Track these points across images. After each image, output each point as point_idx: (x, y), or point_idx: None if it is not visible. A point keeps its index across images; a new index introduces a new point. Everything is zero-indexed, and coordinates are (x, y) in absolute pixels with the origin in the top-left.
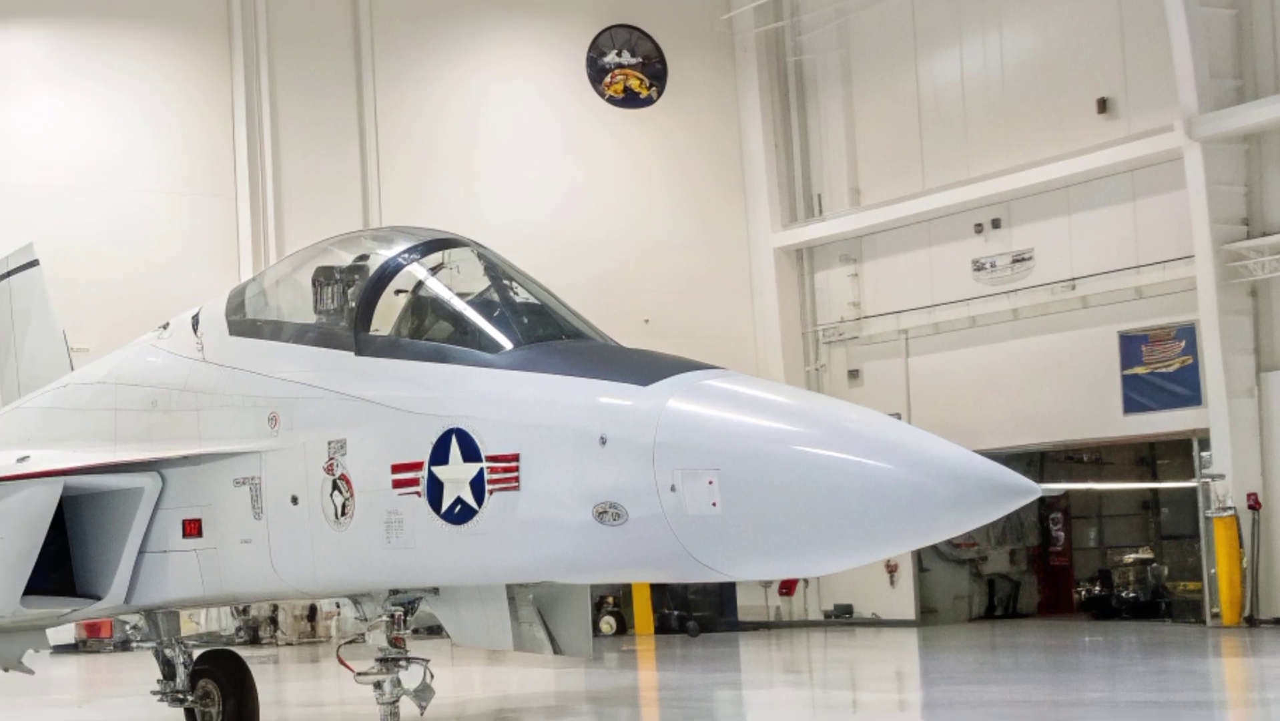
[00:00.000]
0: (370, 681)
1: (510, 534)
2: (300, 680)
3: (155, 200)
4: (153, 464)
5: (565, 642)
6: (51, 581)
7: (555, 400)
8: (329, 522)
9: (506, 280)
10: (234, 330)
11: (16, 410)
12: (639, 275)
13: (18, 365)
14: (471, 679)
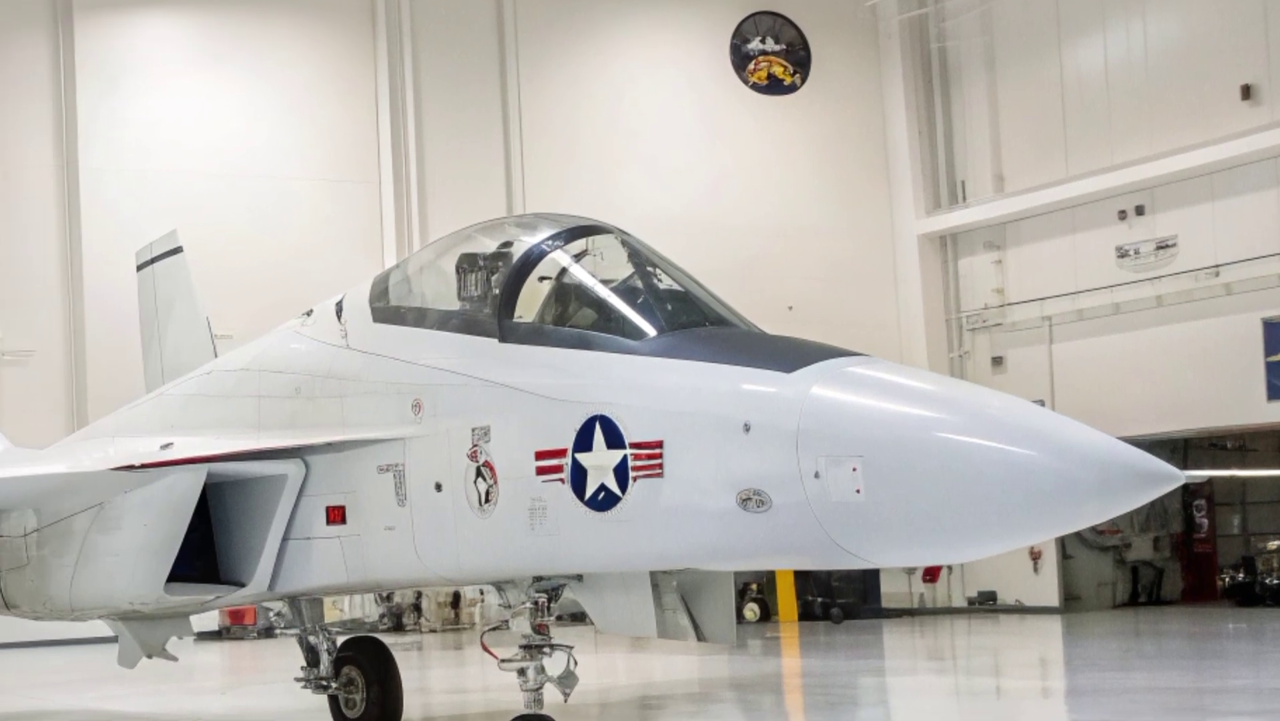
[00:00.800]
0: (514, 668)
1: (654, 520)
2: (444, 667)
3: (299, 187)
4: (296, 451)
5: (709, 629)
6: (195, 568)
7: (699, 387)
8: (473, 509)
9: (650, 266)
10: (378, 317)
11: (160, 397)
12: (782, 262)
13: (161, 351)
14: (615, 665)
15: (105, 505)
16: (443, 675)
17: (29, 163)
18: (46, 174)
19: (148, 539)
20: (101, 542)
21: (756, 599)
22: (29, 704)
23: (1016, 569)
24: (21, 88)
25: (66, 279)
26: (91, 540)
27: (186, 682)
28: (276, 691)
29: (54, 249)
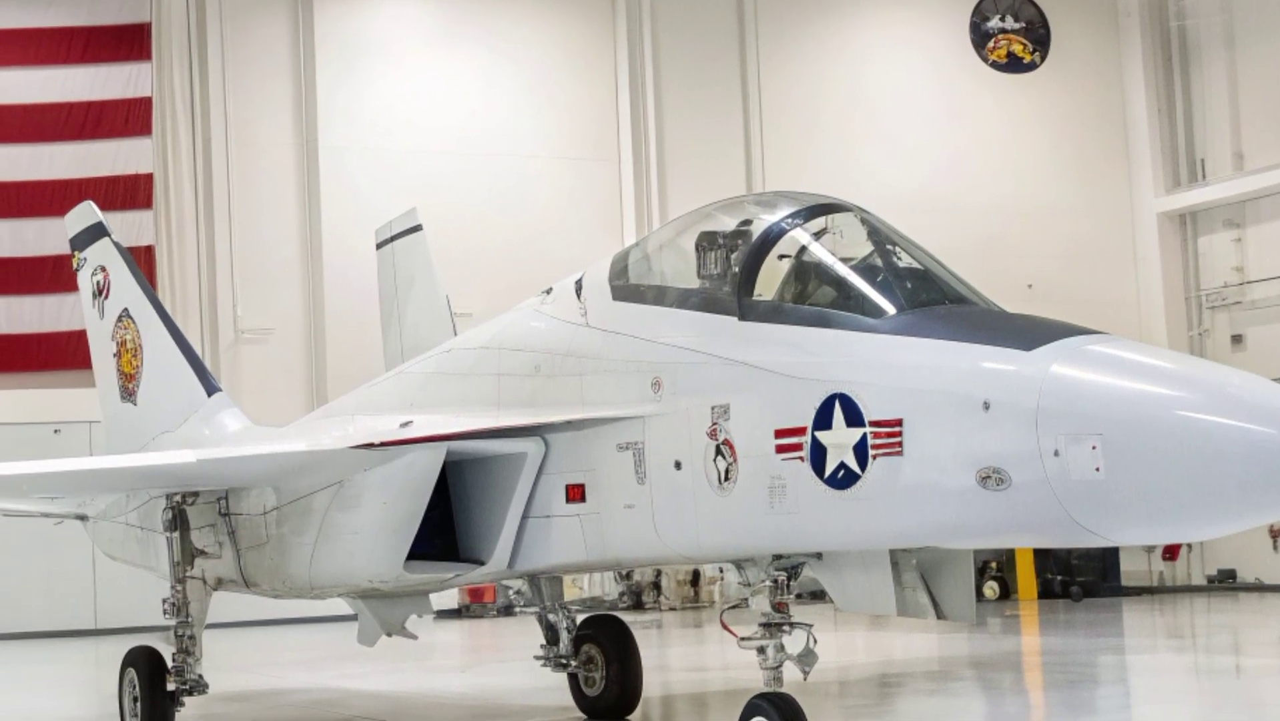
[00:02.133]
0: (753, 646)
1: (893, 499)
2: (683, 645)
3: (538, 165)
4: (536, 429)
5: (948, 607)
6: (435, 547)
7: (938, 365)
8: (712, 488)
9: (890, 244)
10: (617, 295)
11: (400, 375)
12: (1021, 240)
13: (401, 330)
14: (854, 643)
15: (345, 483)
16: (682, 653)
17: (269, 142)
18: (286, 153)
19: (387, 517)
20: (341, 520)
21: (996, 577)
22: (268, 682)
23: (1256, 547)
24: (262, 68)
25: (306, 257)
26: (331, 518)
27: (426, 661)
28: (516, 669)
29: (294, 228)
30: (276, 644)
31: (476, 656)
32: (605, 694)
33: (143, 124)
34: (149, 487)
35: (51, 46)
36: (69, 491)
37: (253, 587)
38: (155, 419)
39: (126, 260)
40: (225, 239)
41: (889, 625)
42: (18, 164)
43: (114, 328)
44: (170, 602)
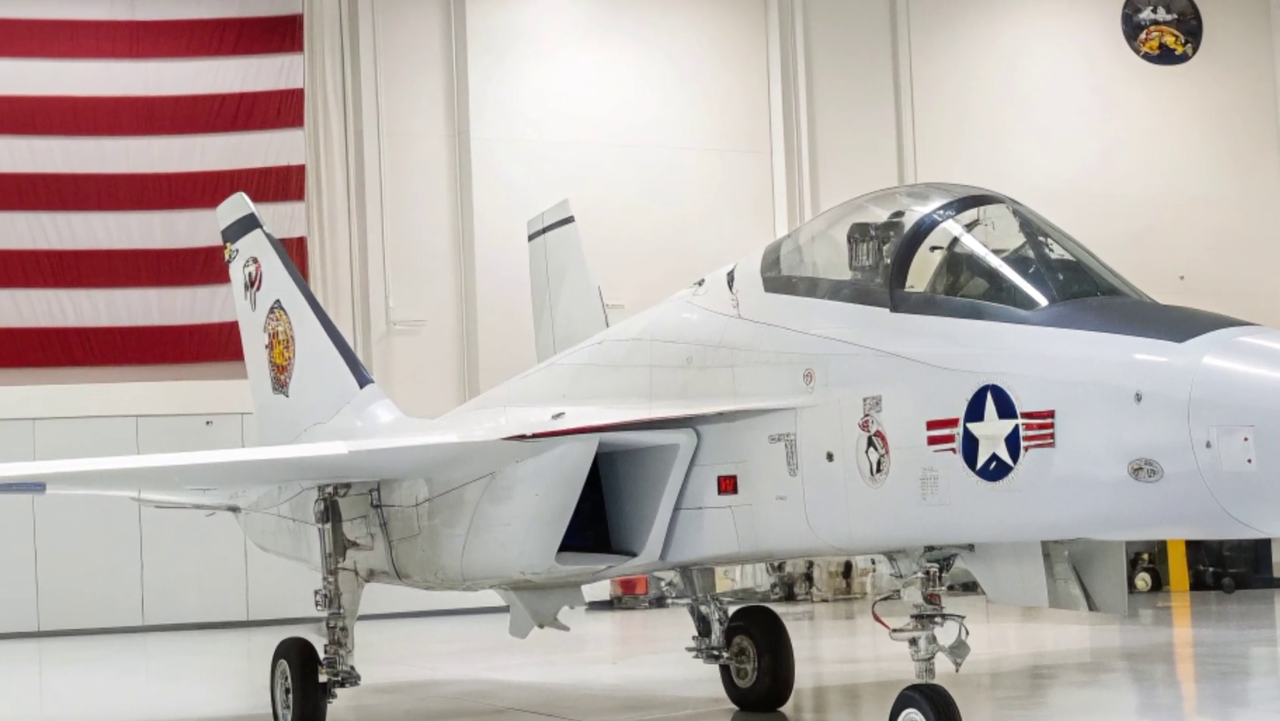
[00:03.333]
0: (905, 638)
1: (1045, 490)
2: (835, 636)
3: (690, 157)
4: (688, 420)
5: (1100, 599)
6: (586, 538)
7: (1090, 356)
8: (864, 479)
9: (1041, 236)
10: (769, 287)
11: (552, 366)
12: (1172, 232)
13: (553, 321)
14: (1006, 635)
15: (497, 475)
16: (833, 645)
17: (421, 133)
18: (438, 144)
19: (539, 508)
20: (493, 512)
21: (1148, 568)
22: (420, 673)
23: None
24: (415, 60)
25: (458, 248)
26: (483, 510)
27: (578, 652)
28: (667, 661)
29: (446, 218)
30: (428, 635)
31: (628, 648)
32: (757, 685)
33: (295, 115)
34: (301, 479)
35: (204, 38)
36: (221, 483)
37: (404, 579)
38: (307, 410)
39: (278, 252)
40: (377, 230)
41: (1040, 616)
42: (170, 155)
43: (266, 319)
44: (322, 594)
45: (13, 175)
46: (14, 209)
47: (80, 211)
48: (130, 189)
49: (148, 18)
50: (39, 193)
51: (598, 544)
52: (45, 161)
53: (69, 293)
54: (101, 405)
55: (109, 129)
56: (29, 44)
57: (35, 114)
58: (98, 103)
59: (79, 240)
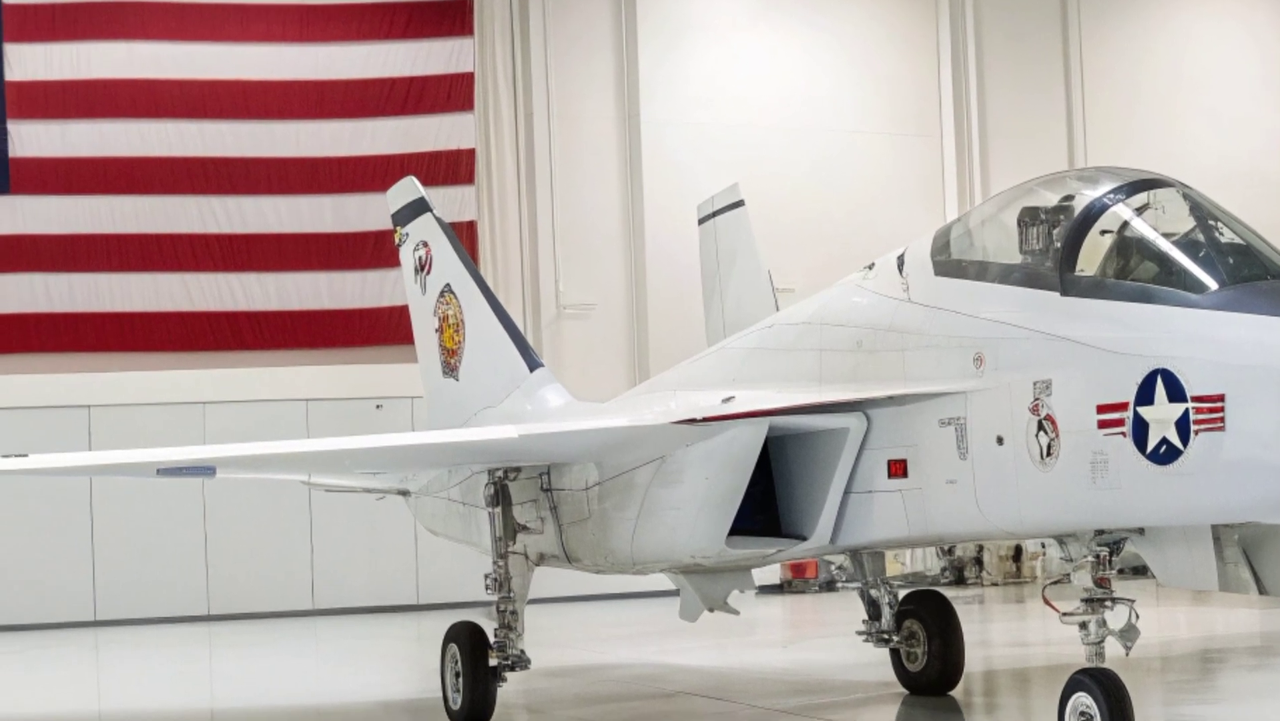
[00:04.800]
0: (1075, 621)
1: (1215, 474)
2: (1005, 620)
3: (859, 140)
4: (858, 404)
5: (1271, 582)
6: (756, 522)
7: (1261, 340)
8: (1034, 463)
9: (1212, 220)
10: (939, 270)
11: (722, 350)
12: None
13: (723, 305)
14: (1176, 619)
15: (666, 458)
16: (1003, 628)
17: (591, 116)
18: (608, 127)
19: (709, 492)
20: (663, 496)
21: None
22: (590, 657)
23: None
24: (585, 44)
25: (628, 232)
26: (653, 493)
27: (748, 636)
28: (837, 645)
29: (616, 202)
30: (598, 619)
31: (798, 631)
32: (927, 669)
33: (464, 99)
34: (471, 463)
35: (374, 22)
36: (391, 467)
37: (574, 563)
38: (477, 394)
39: (448, 235)
40: (547, 214)
41: (1211, 600)
42: (340, 139)
43: (436, 303)
44: (492, 578)
45: (183, 159)
46: (185, 193)
47: (250, 195)
48: (300, 173)
49: (317, 1)
50: (209, 177)
51: (767, 528)
52: (215, 145)
53: (239, 276)
54: (271, 389)
55: (279, 113)
56: (199, 28)
57: (205, 98)
58: (268, 86)
59: (249, 224)
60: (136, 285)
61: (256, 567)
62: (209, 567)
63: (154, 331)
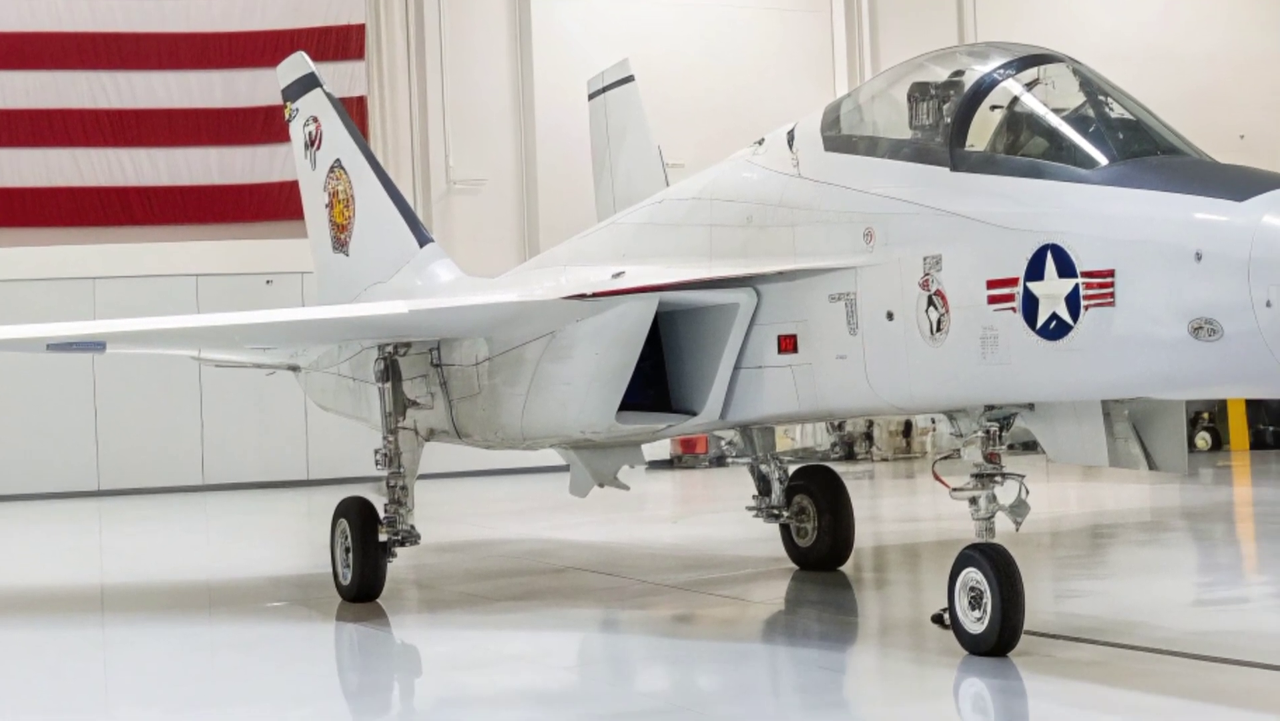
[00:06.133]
0: (965, 497)
1: (1105, 350)
2: (895, 496)
3: (749, 15)
4: (748, 279)
5: (1160, 458)
6: (647, 397)
7: (1150, 215)
8: (924, 338)
9: (1101, 95)
10: (829, 146)
11: (612, 225)
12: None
13: (613, 180)
14: (1066, 495)
15: (557, 334)
16: (893, 504)
17: None
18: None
19: (599, 367)
20: (553, 371)
21: (1208, 427)
22: (481, 532)
23: None
24: None
25: (518, 108)
26: (543, 369)
27: (638, 512)
28: (727, 520)
29: (506, 78)
30: (488, 495)
31: (688, 507)
32: (817, 544)
33: None
34: (362, 338)
35: None
36: (281, 342)
37: (464, 438)
38: (367, 270)
39: (338, 110)
40: (437, 89)
41: (1100, 476)
42: (230, 14)
43: (326, 178)
44: (382, 453)
45: (73, 34)
46: (75, 68)
47: (140, 70)
48: (190, 48)
49: None
50: (99, 51)
51: (658, 403)
52: (106, 20)
53: (129, 152)
54: (161, 264)
55: None
56: None
57: None
58: None
59: (139, 99)
60: (26, 160)
61: (147, 443)
62: (99, 444)
63: (44, 206)
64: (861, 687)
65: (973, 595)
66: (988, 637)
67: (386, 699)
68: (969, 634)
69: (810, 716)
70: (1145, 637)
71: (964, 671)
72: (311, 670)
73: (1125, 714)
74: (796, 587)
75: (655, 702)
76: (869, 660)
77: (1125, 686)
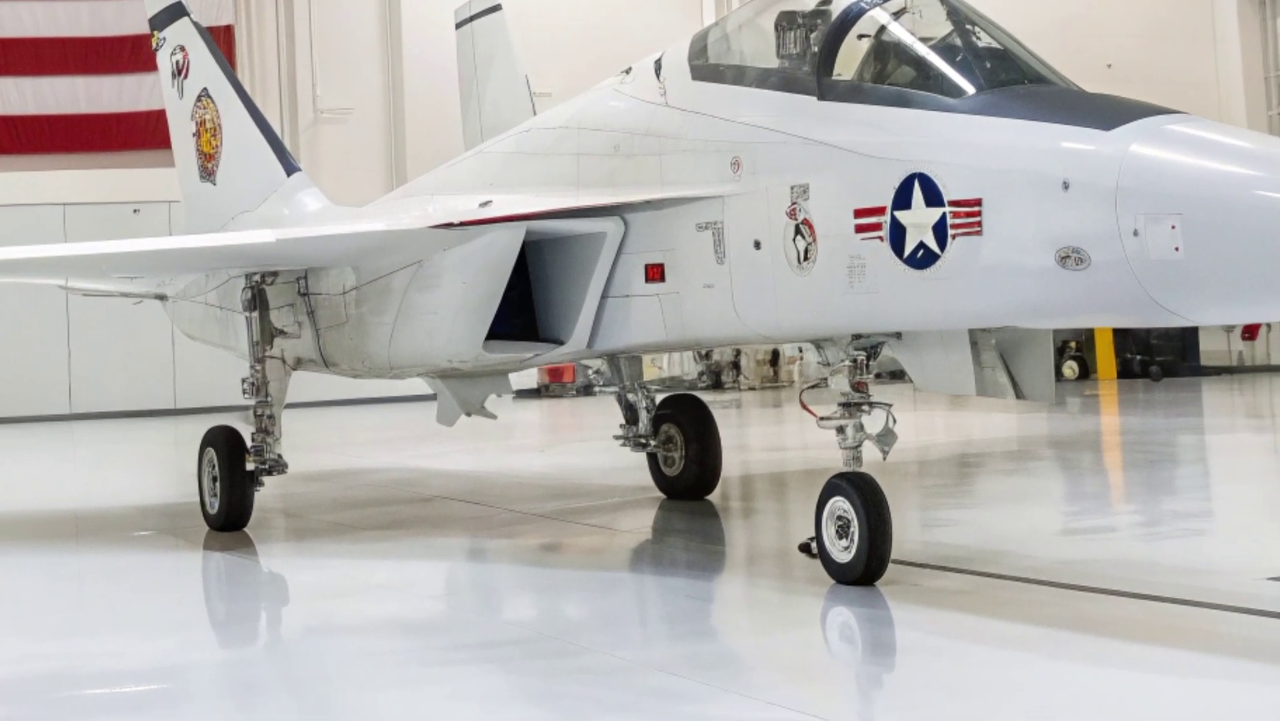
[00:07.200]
0: (833, 426)
1: (972, 278)
2: (762, 424)
3: None
4: (615, 208)
5: (1028, 387)
6: (514, 327)
7: (1018, 144)
8: (791, 267)
9: (969, 24)
10: (696, 75)
11: (480, 154)
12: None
13: (480, 110)
14: (934, 424)
15: (424, 263)
16: (761, 432)
17: None
18: None
19: (466, 296)
20: (420, 300)
21: (1075, 357)
22: (347, 461)
23: None
24: None
25: (386, 37)
26: (410, 298)
27: (505, 440)
28: (595, 449)
29: (373, 7)
30: (355, 424)
31: (555, 436)
32: (684, 473)
33: None
34: (228, 267)
35: None
36: (148, 271)
37: (332, 367)
38: (234, 198)
39: (206, 40)
40: (304, 18)
41: (968, 405)
42: None
43: (193, 107)
44: (249, 382)
45: None
46: None
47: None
48: None
49: None
50: None
51: (525, 332)
52: None
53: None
54: (28, 193)
55: None
56: None
57: None
58: None
59: (4, 28)
60: None
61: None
62: None
63: None
64: (728, 616)
65: (840, 524)
66: (855, 566)
67: (253, 627)
68: (836, 563)
69: (677, 645)
70: (1012, 566)
71: (831, 600)
72: (179, 599)
73: (992, 642)
74: (664, 516)
75: (522, 631)
76: (736, 589)
77: (992, 615)
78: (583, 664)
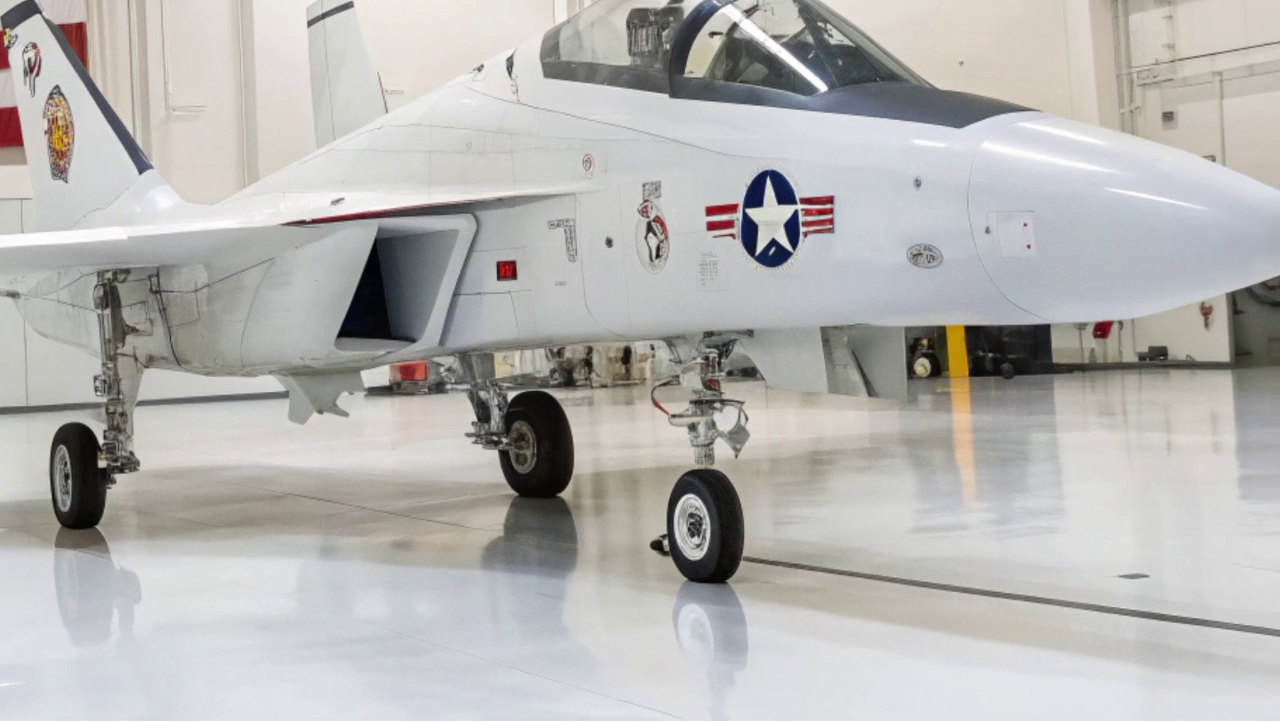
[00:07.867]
0: (685, 423)
1: (824, 276)
2: (614, 422)
3: None
4: (468, 206)
5: (879, 385)
6: (366, 324)
7: (869, 142)
8: (643, 265)
9: (821, 22)
10: (548, 72)
11: (332, 152)
12: (951, 17)
13: (332, 107)
14: (786, 421)
15: (276, 260)
16: (613, 430)
17: None
18: None
19: (318, 294)
20: (272, 298)
21: (927, 354)
22: (200, 459)
23: (1187, 324)
24: None
25: (237, 34)
26: (262, 295)
27: (357, 438)
28: (447, 446)
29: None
30: (207, 421)
31: (407, 434)
32: (536, 471)
33: None
34: (80, 265)
35: None
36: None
37: (184, 365)
38: (86, 196)
39: (58, 37)
40: (156, 16)
41: (820, 403)
42: None
43: (45, 105)
44: (101, 380)
45: None
46: None
47: None
48: None
49: None
50: None
51: (377, 330)
52: None
53: None
54: None
55: None
56: None
57: None
58: None
59: None
60: None
61: None
62: None
63: None
64: (581, 614)
65: (692, 521)
66: (707, 564)
67: (105, 625)
68: (688, 560)
69: (529, 643)
70: (864, 564)
71: (683, 598)
72: (30, 596)
73: (844, 640)
74: (516, 514)
75: (374, 629)
76: (588, 587)
77: (844, 612)
78: (434, 661)
